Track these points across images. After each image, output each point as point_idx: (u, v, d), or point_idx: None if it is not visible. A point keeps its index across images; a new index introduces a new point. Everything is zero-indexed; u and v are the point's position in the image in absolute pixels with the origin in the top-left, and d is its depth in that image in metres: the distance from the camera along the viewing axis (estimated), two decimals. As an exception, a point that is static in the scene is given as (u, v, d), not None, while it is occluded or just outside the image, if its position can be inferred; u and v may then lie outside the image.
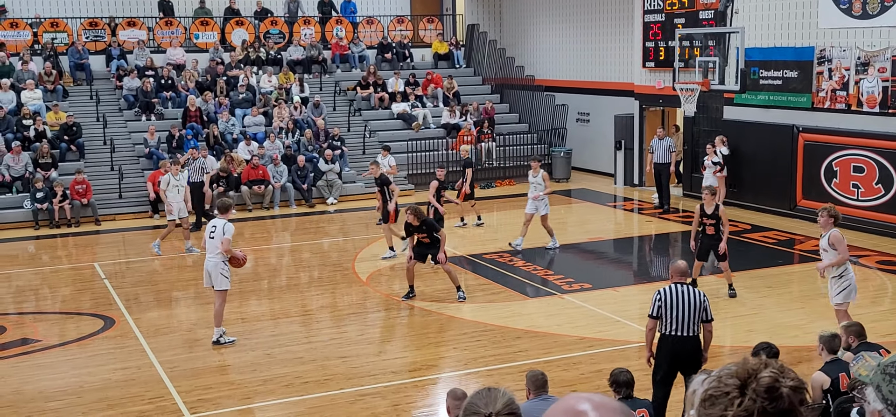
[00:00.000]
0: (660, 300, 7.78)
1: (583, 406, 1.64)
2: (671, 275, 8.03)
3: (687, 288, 7.87)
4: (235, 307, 12.72)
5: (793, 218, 17.41)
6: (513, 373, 9.63)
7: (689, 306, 7.74)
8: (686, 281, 8.01)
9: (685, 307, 7.73)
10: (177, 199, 15.62)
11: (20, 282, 14.78)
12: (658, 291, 7.87)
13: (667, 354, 7.82)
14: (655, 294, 7.88)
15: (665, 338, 7.82)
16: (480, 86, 26.13)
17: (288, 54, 24.93)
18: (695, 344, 7.82)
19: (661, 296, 7.79)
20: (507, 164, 23.13)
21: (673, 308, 7.73)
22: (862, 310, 11.11)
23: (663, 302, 7.76)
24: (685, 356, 7.80)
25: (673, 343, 7.77)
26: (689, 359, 7.82)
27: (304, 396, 9.31)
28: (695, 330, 7.79)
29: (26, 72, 21.89)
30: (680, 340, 7.76)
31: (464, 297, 12.40)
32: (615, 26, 22.88)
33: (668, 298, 7.76)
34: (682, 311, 7.72)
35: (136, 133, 21.42)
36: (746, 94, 18.10)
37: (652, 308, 7.85)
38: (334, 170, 21.00)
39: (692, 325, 7.75)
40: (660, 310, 7.78)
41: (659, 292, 7.85)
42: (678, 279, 7.92)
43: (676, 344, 7.76)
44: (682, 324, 7.73)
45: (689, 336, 7.77)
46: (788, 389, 1.68)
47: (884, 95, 15.90)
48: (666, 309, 7.76)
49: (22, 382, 9.87)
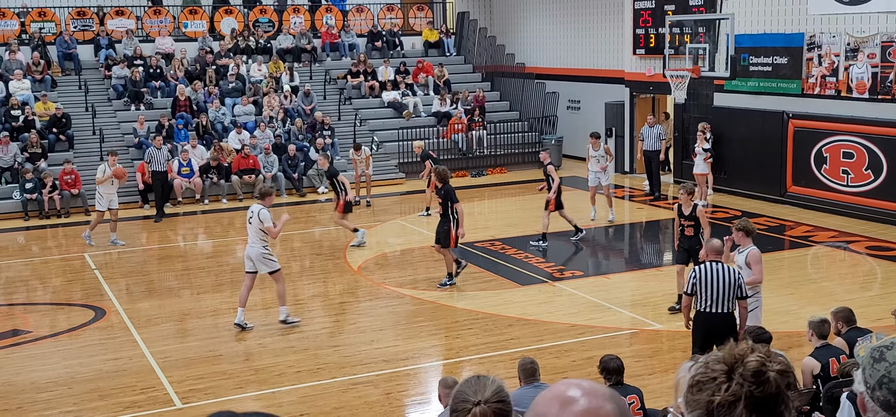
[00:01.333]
0: (695, 278, 8.21)
1: (573, 393, 1.65)
2: (706, 253, 8.47)
3: (722, 266, 8.25)
4: (227, 296, 12.71)
5: (783, 204, 17.47)
6: (505, 361, 9.65)
7: (724, 283, 8.13)
8: (721, 259, 8.35)
9: (721, 284, 8.12)
10: (109, 191, 15.57)
11: (10, 273, 14.72)
12: (693, 269, 8.36)
13: (701, 329, 8.22)
14: (692, 272, 8.33)
15: (700, 315, 8.25)
16: (471, 74, 26.09)
17: (278, 43, 24.84)
18: (729, 320, 8.19)
19: (698, 275, 8.21)
20: (498, 152, 23.13)
21: (708, 285, 8.12)
22: (852, 296, 11.19)
23: (699, 279, 8.18)
24: (719, 331, 8.08)
25: (707, 319, 8.19)
26: (724, 335, 7.99)
27: (296, 385, 9.31)
28: (729, 307, 8.18)
29: (14, 62, 21.75)
30: (714, 316, 8.15)
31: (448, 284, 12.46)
32: (605, 13, 22.86)
33: (703, 276, 8.16)
34: (718, 288, 8.11)
35: (126, 123, 21.32)
36: (736, 81, 18.14)
37: (687, 285, 8.33)
38: (325, 159, 20.95)
39: (727, 302, 8.15)
40: (695, 288, 8.20)
41: (695, 271, 8.31)
42: (713, 257, 8.32)
43: (711, 320, 8.16)
44: (717, 301, 8.12)
45: (724, 312, 8.16)
46: (775, 373, 1.69)
47: (873, 81, 15.95)
48: (701, 287, 8.16)
49: (13, 373, 9.85)
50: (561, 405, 1.66)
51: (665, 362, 9.65)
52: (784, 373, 1.70)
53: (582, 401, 1.66)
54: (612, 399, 1.66)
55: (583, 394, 1.66)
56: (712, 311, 8.14)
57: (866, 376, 1.96)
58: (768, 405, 1.68)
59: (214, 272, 14.31)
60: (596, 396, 1.65)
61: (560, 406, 1.66)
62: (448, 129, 22.76)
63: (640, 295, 12.31)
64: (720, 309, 8.13)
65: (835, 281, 12.90)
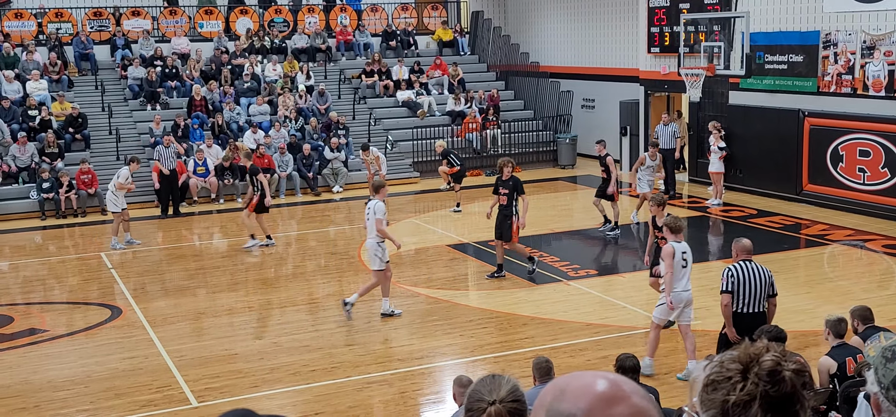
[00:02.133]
0: (733, 276, 8.06)
1: (601, 385, 1.55)
2: (736, 253, 8.28)
3: (756, 265, 8.17)
4: (243, 295, 12.77)
5: (799, 202, 17.37)
6: (519, 360, 9.65)
7: (760, 282, 8.06)
8: (751, 258, 8.25)
9: (756, 283, 8.04)
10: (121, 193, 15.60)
11: (27, 273, 14.84)
12: (729, 268, 8.15)
13: (743, 331, 7.99)
14: (726, 271, 8.14)
15: (738, 316, 8.07)
16: (485, 73, 26.08)
17: (292, 43, 24.91)
18: (760, 319, 8.08)
19: (734, 273, 8.06)
20: (512, 151, 23.09)
21: (745, 284, 8.02)
22: (869, 294, 11.11)
23: (736, 279, 8.04)
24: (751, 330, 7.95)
25: (740, 318, 8.05)
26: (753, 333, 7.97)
27: (311, 384, 9.34)
28: (763, 306, 8.11)
29: (31, 62, 21.92)
30: (748, 316, 8.04)
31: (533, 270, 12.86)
32: (620, 12, 22.80)
33: (740, 275, 8.04)
34: (753, 287, 8.02)
35: (142, 123, 21.45)
36: (752, 79, 18.04)
37: (726, 283, 8.08)
38: (339, 159, 21.01)
39: (762, 300, 8.08)
40: (733, 286, 8.04)
41: (730, 269, 8.12)
42: (744, 256, 8.20)
43: (744, 319, 8.03)
44: (753, 300, 8.03)
45: (759, 312, 8.08)
46: (791, 373, 1.68)
47: (889, 79, 15.83)
48: (738, 286, 8.03)
49: (30, 372, 9.93)
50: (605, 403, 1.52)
51: (681, 361, 9.60)
52: (799, 373, 1.69)
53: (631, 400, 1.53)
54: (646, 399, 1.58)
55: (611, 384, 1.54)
56: (747, 311, 8.07)
57: (879, 376, 1.95)
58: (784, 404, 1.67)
59: (230, 271, 14.37)
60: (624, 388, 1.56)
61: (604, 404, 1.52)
62: (463, 128, 22.76)
63: (654, 293, 12.22)
64: (755, 309, 8.07)
65: (851, 280, 12.82)
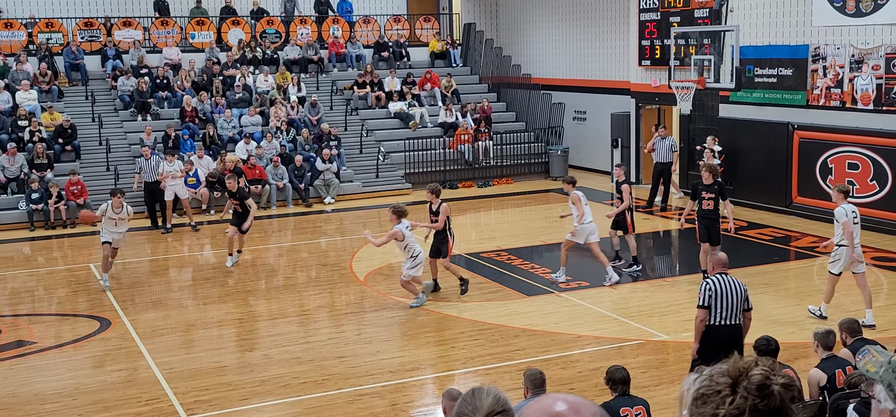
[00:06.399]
0: (711, 291, 8.02)
1: (560, 407, 1.64)
2: (713, 267, 8.30)
3: (731, 278, 8.15)
4: (233, 307, 12.73)
5: (788, 215, 17.45)
6: (511, 372, 9.64)
7: (736, 295, 8.04)
8: (727, 272, 8.26)
9: (733, 297, 8.02)
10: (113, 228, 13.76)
11: (15, 284, 14.76)
12: (706, 282, 8.14)
13: (712, 342, 8.03)
14: (704, 285, 8.12)
15: (716, 328, 8.04)
16: (477, 84, 26.14)
17: (284, 54, 24.92)
18: (737, 332, 8.10)
19: (712, 287, 8.02)
20: (504, 163, 23.14)
21: (722, 298, 8.00)
22: (858, 307, 11.15)
23: (714, 292, 8.01)
24: (728, 343, 7.94)
25: (719, 332, 8.02)
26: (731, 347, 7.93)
27: (301, 396, 9.31)
28: (739, 319, 8.10)
29: (21, 72, 21.86)
30: (725, 329, 8.02)
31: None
32: (611, 25, 22.90)
33: (717, 289, 8.01)
34: (730, 301, 8.00)
35: (132, 133, 21.40)
36: (742, 92, 18.13)
37: (702, 298, 8.06)
38: (331, 170, 21.00)
39: (738, 314, 8.06)
40: (710, 300, 8.00)
41: (708, 283, 8.10)
42: (721, 270, 8.19)
43: (722, 332, 8.01)
44: (729, 314, 8.01)
45: (735, 324, 8.07)
46: (780, 387, 1.69)
47: (878, 92, 15.94)
48: (716, 300, 8.00)
49: (18, 384, 9.86)
50: None
51: (672, 373, 9.62)
52: (788, 387, 1.70)
53: None
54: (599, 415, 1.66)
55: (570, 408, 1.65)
56: (724, 324, 8.06)
57: None
58: (772, 418, 1.67)
59: (220, 283, 14.32)
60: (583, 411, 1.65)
61: None
62: (455, 140, 22.79)
63: (646, 305, 12.28)
64: (731, 322, 8.06)
65: (841, 293, 12.85)
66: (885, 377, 1.95)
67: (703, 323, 8.08)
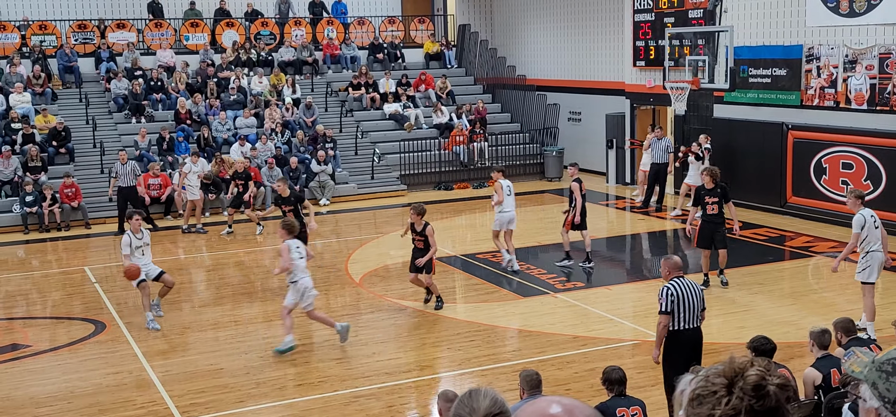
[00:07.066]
0: (673, 296, 7.79)
1: (554, 409, 1.65)
2: (670, 271, 8.02)
3: (688, 281, 8.00)
4: (228, 310, 12.71)
5: (783, 215, 17.48)
6: (506, 373, 9.64)
7: (697, 298, 7.90)
8: (682, 275, 8.10)
9: (694, 299, 7.87)
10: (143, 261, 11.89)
11: (10, 287, 14.72)
12: (666, 287, 7.86)
13: (679, 349, 7.88)
14: (665, 290, 7.84)
15: (680, 333, 7.86)
16: (472, 86, 26.15)
17: (279, 55, 24.90)
18: (699, 335, 7.98)
19: (674, 292, 7.80)
20: (499, 164, 23.12)
21: (684, 302, 7.82)
22: (853, 306, 11.18)
23: (676, 297, 7.79)
24: (695, 347, 7.92)
25: (685, 336, 7.87)
26: (698, 350, 7.94)
27: (297, 398, 9.30)
28: (700, 322, 7.96)
29: (15, 75, 21.80)
30: (692, 332, 7.90)
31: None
32: (605, 26, 22.93)
33: (679, 293, 7.81)
34: (692, 304, 7.85)
35: (126, 136, 21.36)
36: (736, 92, 18.17)
37: (665, 303, 7.80)
38: (326, 172, 20.99)
39: (698, 316, 7.92)
40: (673, 305, 7.80)
41: (669, 288, 7.84)
42: (677, 273, 8.00)
43: (690, 335, 7.88)
44: (691, 317, 7.86)
45: (697, 327, 7.93)
46: (775, 387, 1.70)
47: (871, 92, 15.98)
48: (678, 304, 7.81)
49: (12, 388, 9.83)
50: None
51: (666, 374, 9.62)
52: (784, 387, 1.70)
53: None
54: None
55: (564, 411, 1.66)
56: (687, 328, 7.84)
57: (881, 390, 1.94)
58: (768, 418, 1.68)
59: (215, 285, 14.30)
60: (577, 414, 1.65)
61: None
62: (450, 141, 22.80)
63: (642, 306, 12.30)
64: (693, 325, 7.87)
65: (835, 292, 12.89)
66: (870, 376, 1.98)
67: (666, 329, 7.86)
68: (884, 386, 1.94)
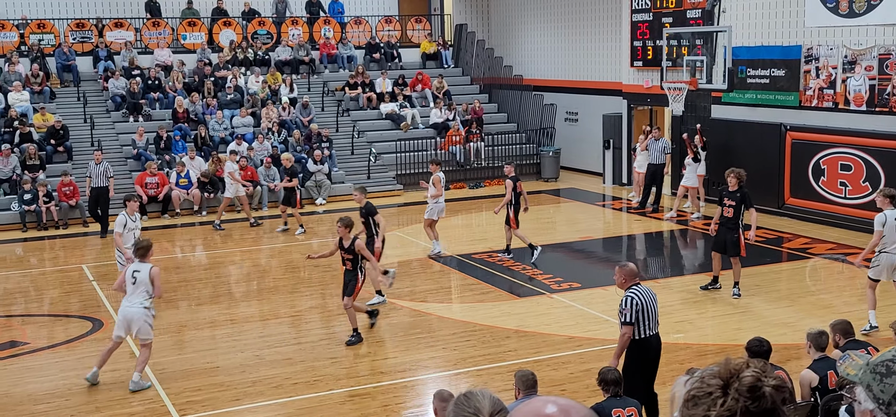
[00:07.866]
0: (637, 305, 7.59)
1: (550, 409, 1.65)
2: (626, 279, 7.78)
3: (646, 288, 7.84)
4: (224, 308, 12.70)
5: (781, 216, 17.49)
6: (502, 373, 9.64)
7: (655, 303, 7.78)
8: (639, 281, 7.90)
9: (654, 305, 7.74)
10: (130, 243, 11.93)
11: (8, 285, 14.70)
12: (628, 297, 7.65)
13: (644, 357, 7.74)
14: (628, 300, 7.63)
15: (640, 342, 7.67)
16: (469, 85, 26.15)
17: (276, 55, 24.89)
18: (659, 341, 7.85)
19: (637, 301, 7.60)
20: (495, 164, 23.15)
21: (647, 309, 7.66)
22: (850, 308, 11.19)
23: (640, 307, 7.60)
24: (657, 353, 7.85)
25: (651, 342, 7.73)
26: (658, 356, 7.88)
27: (293, 397, 9.30)
28: (658, 326, 7.83)
29: (13, 73, 21.79)
30: (655, 338, 7.78)
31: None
32: (603, 26, 22.93)
33: (641, 301, 7.63)
34: (652, 310, 7.71)
35: (124, 134, 21.35)
36: (734, 93, 18.17)
37: (630, 314, 7.59)
38: (323, 171, 20.98)
39: (657, 321, 7.80)
40: (638, 315, 7.61)
41: (631, 298, 7.62)
42: (634, 281, 7.79)
43: (654, 342, 7.76)
44: (653, 323, 7.72)
45: (657, 333, 7.82)
46: (771, 389, 1.69)
47: (870, 93, 15.99)
48: (642, 313, 7.63)
49: (10, 385, 9.83)
50: None
51: (663, 374, 9.60)
52: (779, 389, 1.70)
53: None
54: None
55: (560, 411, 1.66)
56: (650, 334, 7.71)
57: (875, 392, 1.94)
58: (764, 420, 1.68)
59: (212, 283, 14.30)
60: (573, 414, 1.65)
61: None
62: (446, 141, 22.80)
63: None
64: (655, 331, 7.76)
65: (833, 294, 12.90)
66: (864, 378, 1.99)
67: (629, 339, 7.63)
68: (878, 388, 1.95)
